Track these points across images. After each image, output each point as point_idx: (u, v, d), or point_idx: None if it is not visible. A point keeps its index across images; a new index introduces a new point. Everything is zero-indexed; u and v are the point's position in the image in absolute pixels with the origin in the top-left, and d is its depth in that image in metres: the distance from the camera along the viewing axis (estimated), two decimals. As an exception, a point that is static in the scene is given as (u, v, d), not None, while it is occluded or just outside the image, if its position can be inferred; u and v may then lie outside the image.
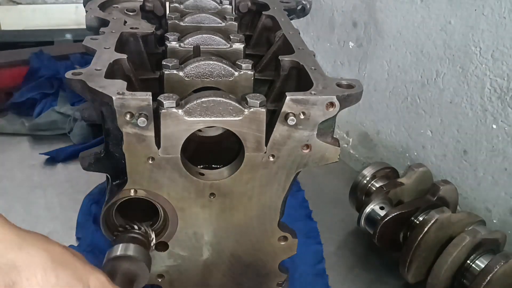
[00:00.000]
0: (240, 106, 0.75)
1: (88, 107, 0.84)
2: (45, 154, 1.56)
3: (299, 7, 1.29)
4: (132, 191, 0.78)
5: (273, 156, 0.79)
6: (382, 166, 1.29)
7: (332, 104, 0.76)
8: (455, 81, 1.25)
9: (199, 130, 0.77)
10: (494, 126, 1.18)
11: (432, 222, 1.03)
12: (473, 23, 1.18)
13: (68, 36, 2.46)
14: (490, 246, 1.04)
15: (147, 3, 1.16)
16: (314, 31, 1.73)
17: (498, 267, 0.96)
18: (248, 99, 0.75)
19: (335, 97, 0.75)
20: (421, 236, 1.04)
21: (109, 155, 0.80)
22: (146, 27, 1.02)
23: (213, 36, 0.98)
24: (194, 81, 0.87)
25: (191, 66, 0.87)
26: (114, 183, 0.82)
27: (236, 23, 1.09)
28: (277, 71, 0.93)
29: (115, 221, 0.83)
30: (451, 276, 1.03)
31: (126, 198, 0.79)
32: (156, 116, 0.72)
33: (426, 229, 1.03)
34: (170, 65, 0.86)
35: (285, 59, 0.90)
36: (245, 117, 0.75)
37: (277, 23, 1.10)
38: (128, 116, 0.71)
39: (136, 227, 0.81)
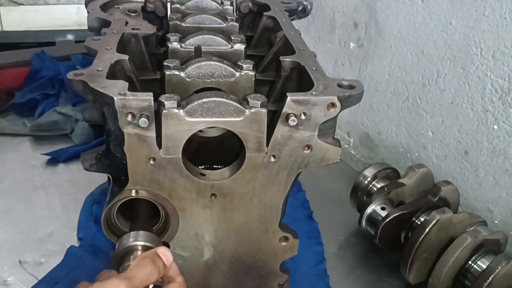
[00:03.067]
0: (241, 107, 0.75)
1: (89, 108, 0.85)
2: (47, 154, 1.56)
3: (300, 8, 1.29)
4: (133, 191, 0.79)
5: (274, 156, 0.79)
6: (383, 167, 1.29)
7: (333, 105, 0.76)
8: (456, 82, 1.25)
9: (200, 131, 0.77)
10: (495, 127, 1.18)
11: (433, 222, 1.03)
12: (474, 23, 1.18)
13: (70, 36, 2.47)
14: (491, 247, 1.04)
15: (148, 4, 1.17)
16: (315, 31, 1.73)
17: (499, 268, 0.96)
18: (249, 99, 0.75)
19: (336, 97, 0.75)
20: (422, 236, 1.03)
21: (110, 156, 0.80)
22: (147, 28, 1.02)
23: (214, 36, 0.98)
24: (195, 81, 0.87)
25: (192, 67, 0.87)
26: (115, 183, 0.82)
27: (237, 24, 1.10)
28: (278, 72, 0.93)
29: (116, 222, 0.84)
30: (452, 277, 1.03)
31: (127, 198, 0.79)
32: (157, 117, 0.73)
33: (427, 229, 1.03)
34: (171, 65, 0.86)
35: (286, 59, 0.91)
36: (246, 118, 0.75)
37: (278, 23, 1.10)
38: (129, 116, 0.71)
39: None
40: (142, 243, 0.75)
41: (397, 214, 1.12)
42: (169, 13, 1.16)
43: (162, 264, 0.70)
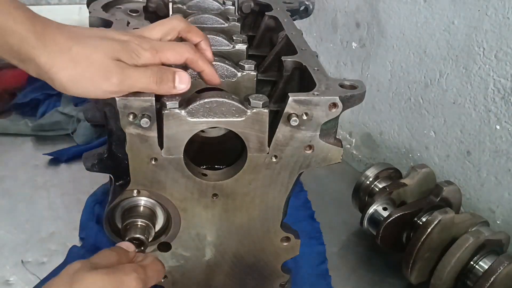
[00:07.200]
0: (243, 107, 0.75)
1: (91, 108, 0.85)
2: (49, 154, 1.56)
3: (302, 8, 1.29)
4: (135, 191, 0.79)
5: (275, 156, 0.79)
6: (385, 167, 1.29)
7: (335, 105, 0.76)
8: (459, 82, 1.25)
9: (202, 131, 0.77)
10: (498, 127, 1.18)
11: (435, 223, 1.03)
12: (477, 23, 1.18)
13: (72, 37, 2.47)
14: (493, 247, 1.04)
15: (150, 4, 1.17)
16: (317, 31, 1.73)
17: (501, 268, 0.96)
18: (250, 100, 0.75)
19: (338, 97, 0.75)
20: (424, 237, 1.03)
21: (112, 156, 0.80)
22: (149, 28, 1.02)
23: (216, 36, 0.98)
24: (197, 81, 0.87)
25: (194, 67, 0.87)
26: (117, 183, 0.82)
27: (239, 24, 1.09)
28: (280, 72, 0.93)
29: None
30: (454, 277, 1.03)
31: (129, 198, 0.79)
32: (159, 117, 0.73)
33: (429, 230, 1.03)
34: (173, 65, 0.86)
35: (288, 59, 0.90)
36: (248, 118, 0.75)
37: (280, 23, 1.10)
38: (131, 116, 0.71)
39: None
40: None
41: (399, 214, 1.12)
42: (170, 13, 1.15)
43: (123, 251, 0.72)
